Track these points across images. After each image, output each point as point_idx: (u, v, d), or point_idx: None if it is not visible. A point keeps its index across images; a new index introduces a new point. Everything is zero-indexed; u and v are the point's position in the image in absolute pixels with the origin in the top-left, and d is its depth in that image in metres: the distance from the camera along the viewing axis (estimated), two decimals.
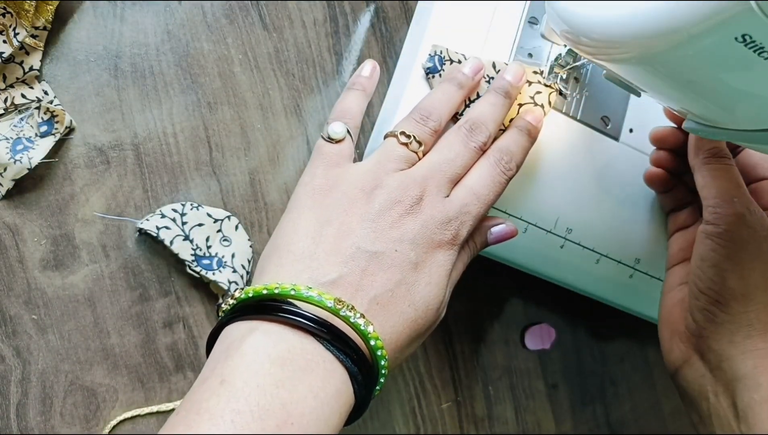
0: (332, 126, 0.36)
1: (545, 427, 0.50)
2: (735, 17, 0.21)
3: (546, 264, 0.43)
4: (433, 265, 0.34)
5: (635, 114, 0.44)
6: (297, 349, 0.29)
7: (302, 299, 0.30)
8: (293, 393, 0.28)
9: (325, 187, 0.34)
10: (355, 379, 0.30)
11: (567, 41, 0.31)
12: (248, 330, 0.30)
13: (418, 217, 0.33)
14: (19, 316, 0.38)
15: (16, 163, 0.36)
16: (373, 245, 0.32)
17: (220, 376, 0.28)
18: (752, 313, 0.36)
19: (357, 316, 0.30)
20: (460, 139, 0.36)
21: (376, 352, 0.31)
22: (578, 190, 0.42)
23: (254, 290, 0.31)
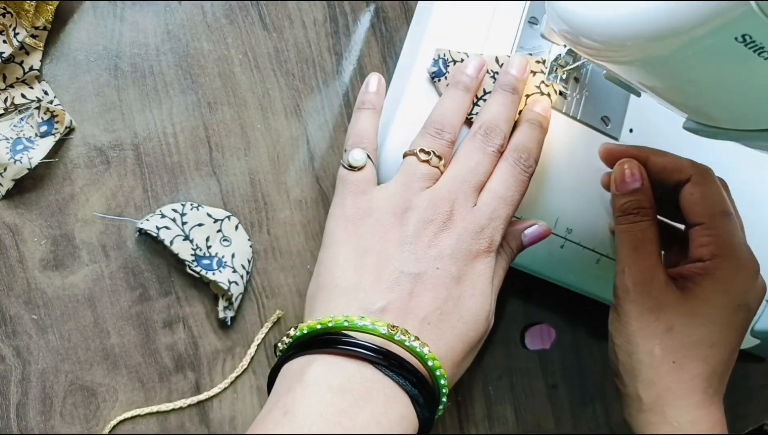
0: (352, 154, 0.36)
1: (545, 427, 0.50)
2: (735, 17, 0.21)
3: (546, 264, 0.43)
4: (475, 276, 0.34)
5: (635, 114, 0.44)
6: (356, 378, 0.30)
7: (356, 329, 0.30)
8: (356, 421, 0.28)
9: (357, 217, 0.34)
10: (416, 402, 0.30)
11: (567, 41, 0.31)
12: (307, 363, 0.30)
13: (453, 231, 0.34)
14: (19, 316, 0.38)
15: (16, 163, 0.36)
16: (414, 267, 0.33)
17: (284, 407, 0.29)
18: (640, 389, 0.37)
19: (412, 339, 0.31)
20: (478, 146, 0.36)
21: (434, 372, 0.31)
22: (578, 190, 0.42)
23: (308, 326, 0.31)
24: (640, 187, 0.38)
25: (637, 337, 0.37)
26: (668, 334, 0.36)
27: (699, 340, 0.36)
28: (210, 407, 0.41)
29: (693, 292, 0.37)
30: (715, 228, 0.37)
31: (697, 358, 0.36)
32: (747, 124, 0.28)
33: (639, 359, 0.37)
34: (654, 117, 0.44)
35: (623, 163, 0.39)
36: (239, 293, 0.40)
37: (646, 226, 0.37)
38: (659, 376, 0.36)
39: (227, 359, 0.41)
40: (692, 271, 0.37)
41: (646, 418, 0.37)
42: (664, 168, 0.39)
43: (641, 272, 0.37)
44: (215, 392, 0.41)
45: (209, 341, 0.41)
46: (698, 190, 0.38)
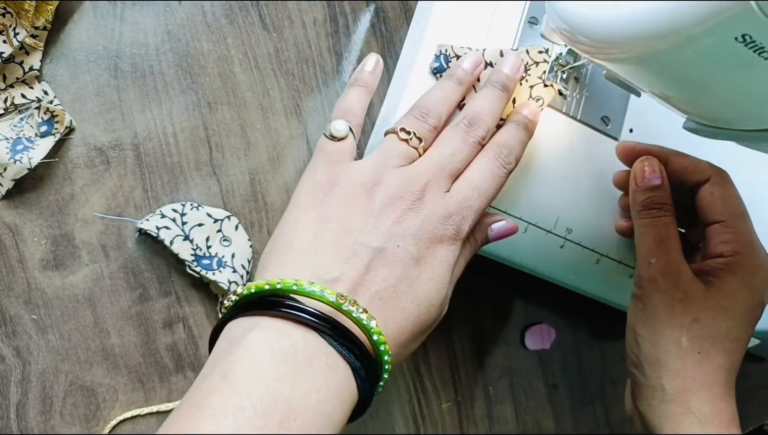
0: (334, 124, 0.36)
1: (545, 427, 0.50)
2: (735, 17, 0.21)
3: (546, 264, 0.43)
4: (435, 261, 0.33)
5: (635, 114, 0.44)
6: (299, 344, 0.29)
7: (304, 294, 0.30)
8: (296, 388, 0.28)
9: (326, 185, 0.34)
10: (358, 374, 0.30)
11: (567, 41, 0.31)
12: (250, 326, 0.30)
13: (420, 212, 0.33)
14: (19, 316, 0.38)
15: (16, 163, 0.36)
16: (375, 241, 0.32)
17: (222, 372, 0.28)
18: (664, 379, 0.37)
19: (359, 310, 0.30)
20: (459, 135, 0.36)
21: (379, 347, 0.30)
22: (578, 190, 0.42)
23: (256, 286, 0.31)
24: (660, 184, 0.39)
25: (664, 327, 0.37)
26: (695, 324, 0.36)
27: (724, 332, 0.37)
28: None
29: (717, 286, 0.37)
30: (735, 226, 0.38)
31: (722, 350, 0.37)
32: (747, 124, 0.28)
33: (665, 349, 0.37)
34: (654, 117, 0.44)
35: (644, 160, 0.40)
36: None
37: (669, 222, 0.38)
38: (685, 366, 0.36)
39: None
40: (714, 267, 0.38)
41: (668, 408, 0.37)
42: (685, 168, 0.40)
43: (669, 263, 0.37)
44: None
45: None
46: (718, 189, 0.39)
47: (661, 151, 0.40)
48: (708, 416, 0.36)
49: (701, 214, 0.39)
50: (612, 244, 0.44)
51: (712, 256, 0.38)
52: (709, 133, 0.31)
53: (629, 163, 0.41)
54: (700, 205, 0.39)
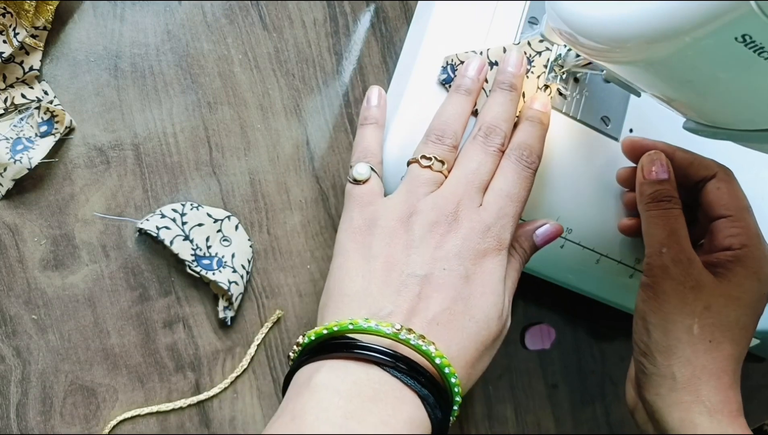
0: (356, 168, 0.37)
1: (545, 427, 0.50)
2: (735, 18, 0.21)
3: (546, 264, 0.43)
4: (485, 275, 0.34)
5: (635, 114, 0.44)
6: (363, 380, 0.30)
7: (362, 331, 0.30)
8: (363, 424, 0.28)
9: (364, 227, 0.35)
10: (427, 402, 0.30)
11: (567, 41, 0.31)
12: (315, 369, 0.30)
13: (459, 231, 0.34)
14: (19, 316, 0.38)
15: (16, 163, 0.36)
16: (421, 269, 0.33)
17: (291, 412, 0.29)
18: (675, 367, 0.37)
19: (416, 338, 0.30)
20: (479, 148, 0.36)
21: (443, 370, 0.31)
22: (578, 190, 0.42)
23: (315, 333, 0.31)
24: (667, 177, 0.39)
25: (676, 314, 0.37)
26: (706, 312, 0.37)
27: (734, 321, 0.37)
28: (210, 407, 0.41)
29: (726, 277, 0.38)
30: (743, 220, 0.39)
31: (731, 339, 0.37)
32: (747, 124, 0.28)
33: (677, 337, 0.37)
34: (654, 117, 0.44)
35: (652, 154, 0.40)
36: (239, 293, 0.40)
37: (678, 214, 0.38)
38: (696, 354, 0.37)
39: (227, 359, 0.41)
40: (722, 259, 0.38)
41: (678, 397, 0.37)
42: (691, 163, 0.40)
43: (680, 252, 0.37)
44: (215, 392, 0.41)
45: (209, 341, 0.41)
46: (724, 185, 0.39)
47: (667, 146, 0.41)
48: (717, 405, 0.36)
49: (707, 208, 0.40)
50: (612, 244, 0.44)
51: (720, 249, 0.39)
52: (709, 133, 0.30)
53: (635, 158, 0.41)
54: (707, 199, 0.40)
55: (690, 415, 0.36)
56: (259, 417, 0.42)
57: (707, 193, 0.40)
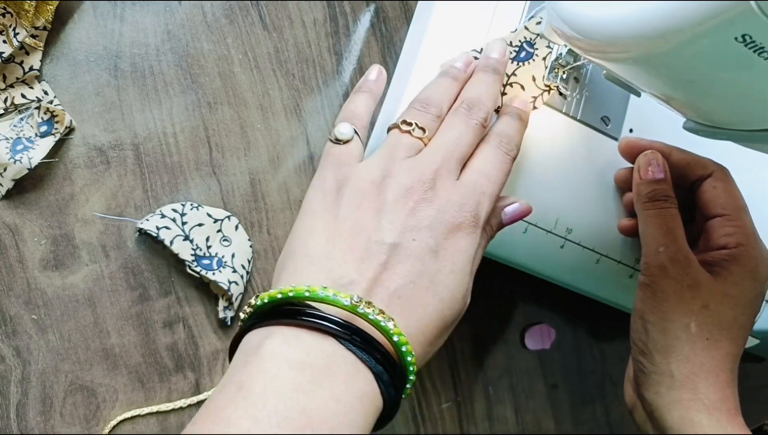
0: (338, 127, 0.35)
1: (545, 427, 0.50)
2: (735, 17, 0.21)
3: (546, 264, 0.43)
4: (456, 252, 0.32)
5: (635, 114, 0.44)
6: (316, 352, 0.28)
7: (318, 300, 0.29)
8: (313, 397, 0.27)
9: (336, 188, 0.33)
10: (380, 379, 0.29)
11: (567, 41, 0.31)
12: (265, 335, 0.29)
13: (434, 202, 0.32)
14: (19, 316, 0.38)
15: (16, 163, 0.36)
16: (390, 237, 0.31)
17: (238, 383, 0.27)
18: (673, 365, 0.37)
19: (376, 312, 0.29)
20: (461, 119, 0.35)
21: (400, 347, 0.29)
22: (578, 190, 0.42)
23: (269, 296, 0.30)
24: (664, 177, 0.39)
25: (674, 313, 0.37)
26: (704, 310, 0.37)
27: (732, 319, 0.37)
28: None
29: (722, 276, 0.38)
30: (738, 219, 0.39)
31: (728, 338, 0.37)
32: (747, 124, 0.28)
33: (675, 335, 0.37)
34: (654, 117, 0.44)
35: (648, 154, 0.40)
36: (239, 293, 0.40)
37: (675, 213, 0.38)
38: (694, 352, 0.37)
39: (227, 359, 0.41)
40: (719, 257, 0.38)
41: (677, 395, 0.37)
42: (688, 163, 0.40)
43: (678, 251, 0.37)
44: None
45: (209, 341, 0.41)
46: (721, 184, 0.40)
47: (664, 146, 0.41)
48: (715, 402, 0.36)
49: (703, 207, 0.40)
50: (612, 244, 0.44)
51: (716, 248, 0.39)
52: (709, 133, 0.30)
53: (632, 158, 0.41)
54: (703, 198, 0.40)
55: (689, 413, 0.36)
56: None
57: (703, 192, 0.40)
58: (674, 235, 0.38)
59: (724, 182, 0.39)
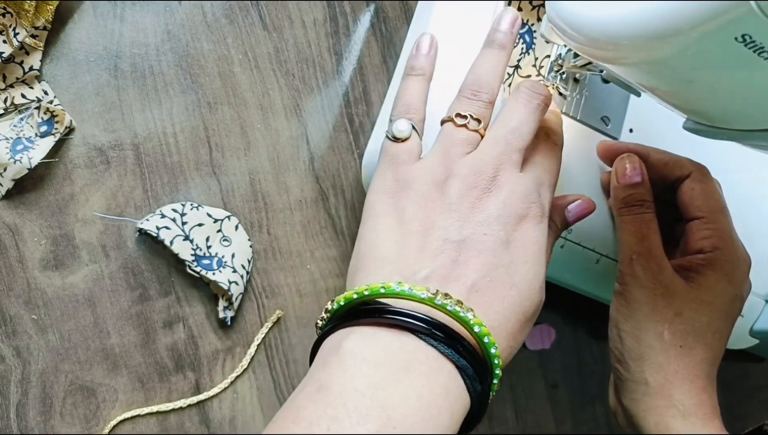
0: (396, 124, 0.34)
1: (545, 427, 0.50)
2: (735, 17, 0.21)
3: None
4: (527, 242, 0.32)
5: (635, 114, 0.44)
6: (395, 348, 0.28)
7: (394, 295, 0.28)
8: (393, 394, 0.26)
9: (397, 189, 0.32)
10: (465, 373, 0.28)
11: (567, 41, 0.31)
12: (343, 336, 0.28)
13: (499, 194, 0.32)
14: (19, 316, 0.38)
15: (16, 163, 0.36)
16: (459, 234, 0.31)
17: (318, 382, 0.27)
18: (647, 372, 0.37)
19: (454, 303, 0.28)
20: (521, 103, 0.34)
21: (482, 339, 0.28)
22: (578, 190, 0.42)
23: (345, 298, 0.29)
24: (640, 181, 0.39)
25: (647, 322, 0.37)
26: (677, 318, 0.37)
27: (705, 325, 0.37)
28: (210, 407, 0.41)
29: (697, 281, 0.38)
30: (715, 222, 0.39)
31: (703, 343, 0.37)
32: (747, 124, 0.28)
33: (648, 344, 0.37)
34: (654, 117, 0.44)
35: (624, 158, 0.40)
36: (239, 293, 0.40)
37: (650, 218, 0.38)
38: (668, 359, 0.37)
39: (227, 359, 0.41)
40: (694, 263, 0.38)
41: (652, 402, 0.37)
42: (665, 163, 0.40)
43: (650, 260, 0.37)
44: (215, 392, 0.41)
45: (209, 341, 0.41)
46: (698, 185, 0.39)
47: (641, 148, 0.40)
48: (691, 408, 0.36)
49: (682, 209, 0.40)
50: (612, 244, 0.44)
51: (692, 252, 0.39)
52: (709, 133, 0.30)
53: (610, 162, 0.41)
54: (681, 201, 0.40)
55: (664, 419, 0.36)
56: (259, 417, 0.42)
57: (682, 193, 0.40)
58: (648, 243, 0.38)
59: (701, 183, 0.39)
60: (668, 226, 0.41)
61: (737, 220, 0.40)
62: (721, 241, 0.38)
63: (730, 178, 0.42)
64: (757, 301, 0.47)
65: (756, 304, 0.47)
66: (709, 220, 0.39)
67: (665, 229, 0.40)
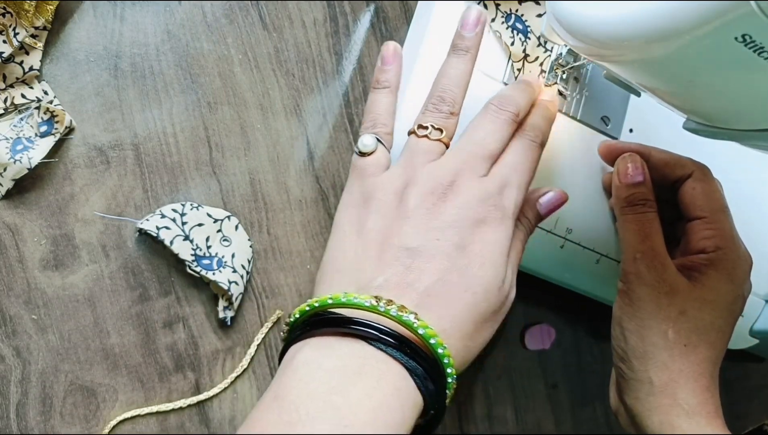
0: (362, 139, 0.35)
1: (545, 427, 0.50)
2: (735, 17, 0.21)
3: (546, 264, 0.43)
4: (485, 245, 0.32)
5: (635, 114, 0.44)
6: (347, 355, 0.29)
7: (341, 305, 0.30)
8: (346, 396, 0.27)
9: (361, 201, 0.34)
10: (414, 373, 0.29)
11: (567, 41, 0.31)
12: (298, 348, 0.30)
13: (456, 199, 0.32)
14: (19, 316, 0.38)
15: (16, 163, 0.36)
16: (413, 241, 0.31)
17: (273, 393, 0.28)
18: (651, 371, 0.37)
19: (397, 308, 0.29)
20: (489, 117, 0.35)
21: (428, 340, 0.29)
22: (578, 190, 0.42)
23: (300, 310, 0.31)
24: (642, 180, 0.39)
25: (651, 320, 0.37)
26: (681, 317, 0.37)
27: (709, 324, 0.37)
28: (210, 407, 0.41)
29: (700, 281, 0.38)
30: (717, 222, 0.39)
31: (707, 342, 0.37)
32: (747, 124, 0.28)
33: (652, 342, 0.37)
34: (654, 117, 0.44)
35: (626, 157, 0.40)
36: (239, 293, 0.40)
37: (653, 217, 0.38)
38: (672, 358, 0.37)
39: (227, 359, 0.41)
40: (696, 262, 0.38)
41: (656, 400, 0.37)
42: (667, 163, 0.40)
43: (654, 258, 0.37)
44: (215, 392, 0.41)
45: (209, 341, 0.41)
46: (700, 185, 0.39)
47: (642, 148, 0.40)
48: (695, 407, 0.36)
49: (683, 209, 0.40)
50: (612, 244, 0.44)
51: (694, 252, 0.39)
52: (709, 133, 0.31)
53: (611, 161, 0.41)
54: (683, 200, 0.40)
55: (669, 418, 0.36)
56: None
57: (683, 193, 0.40)
58: (651, 241, 0.38)
59: (703, 183, 0.39)
60: (669, 226, 0.41)
61: (737, 220, 0.40)
62: (723, 241, 0.38)
63: (730, 178, 0.42)
64: (757, 301, 0.47)
65: (756, 304, 0.47)
66: (711, 220, 0.39)
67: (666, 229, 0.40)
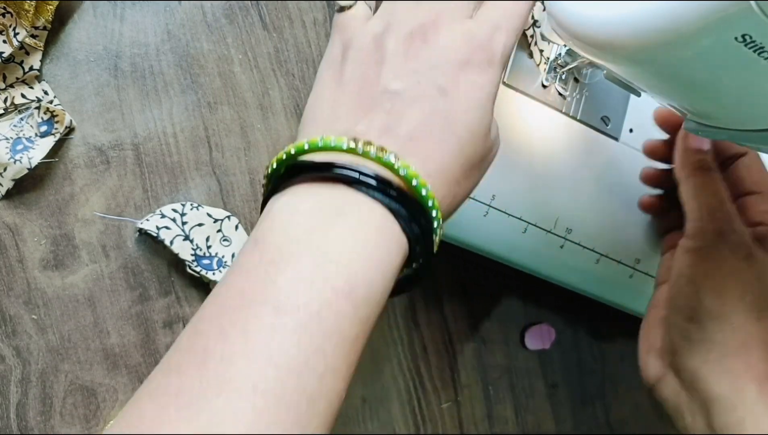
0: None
1: (545, 427, 0.50)
2: (735, 17, 0.21)
3: (546, 264, 0.43)
4: (470, 88, 0.30)
5: (635, 114, 0.44)
6: (326, 199, 0.28)
7: (318, 150, 0.28)
8: (328, 235, 0.27)
9: (340, 53, 0.32)
10: (398, 214, 0.28)
11: (567, 41, 0.31)
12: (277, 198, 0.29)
13: (438, 40, 0.30)
14: (19, 316, 0.38)
15: (15, 163, 0.36)
16: (393, 84, 0.30)
17: (253, 239, 0.28)
18: (727, 333, 0.36)
19: (376, 149, 0.28)
20: None
21: (410, 181, 0.28)
22: (578, 190, 0.42)
23: (276, 159, 0.29)
24: (709, 147, 0.39)
25: (731, 281, 0.36)
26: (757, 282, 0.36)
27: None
28: None
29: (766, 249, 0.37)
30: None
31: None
32: (747, 124, 0.28)
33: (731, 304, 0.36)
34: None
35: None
36: None
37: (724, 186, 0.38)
38: (749, 322, 0.36)
39: None
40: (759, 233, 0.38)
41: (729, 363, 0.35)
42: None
43: (734, 220, 0.37)
44: None
45: None
46: (755, 163, 0.39)
47: None
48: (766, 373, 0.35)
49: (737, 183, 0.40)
50: (612, 244, 0.44)
51: (752, 225, 0.38)
52: (709, 133, 0.30)
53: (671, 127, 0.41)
54: (737, 174, 0.40)
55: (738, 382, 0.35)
56: None
57: (738, 169, 0.40)
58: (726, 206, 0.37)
59: (757, 161, 0.40)
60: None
61: None
62: None
63: None
64: None
65: None
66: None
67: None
